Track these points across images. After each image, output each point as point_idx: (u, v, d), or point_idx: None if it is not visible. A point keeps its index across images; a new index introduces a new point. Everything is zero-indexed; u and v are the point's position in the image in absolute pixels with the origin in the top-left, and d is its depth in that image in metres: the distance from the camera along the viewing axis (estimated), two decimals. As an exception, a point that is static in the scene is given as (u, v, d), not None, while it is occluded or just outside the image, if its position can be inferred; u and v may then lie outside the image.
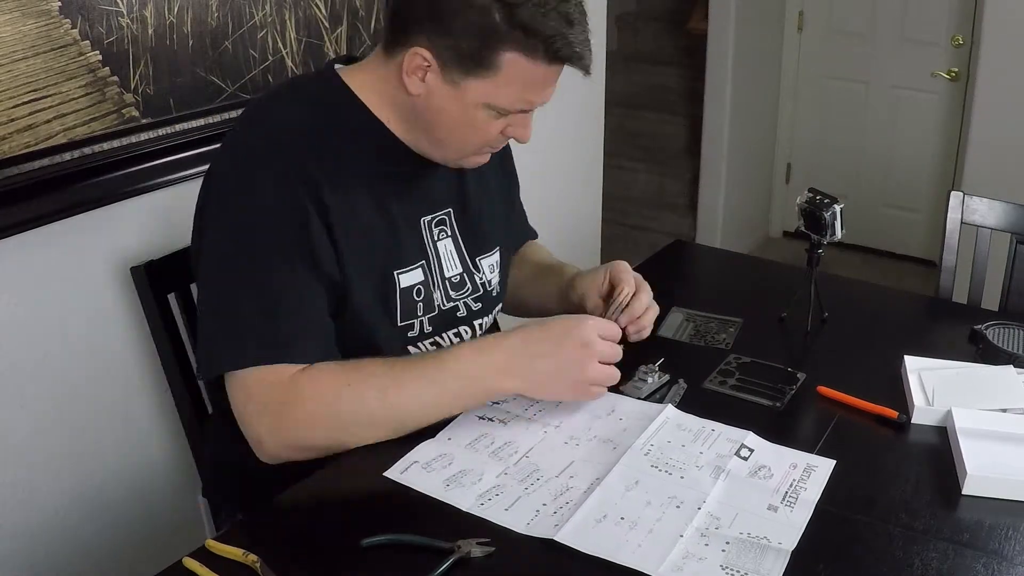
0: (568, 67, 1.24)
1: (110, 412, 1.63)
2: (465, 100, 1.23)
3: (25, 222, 1.42)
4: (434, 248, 1.38)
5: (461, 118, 1.25)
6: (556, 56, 1.20)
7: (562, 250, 2.84)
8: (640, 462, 1.23)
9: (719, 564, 1.06)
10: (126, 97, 1.52)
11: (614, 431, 1.30)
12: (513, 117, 1.27)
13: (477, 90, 1.22)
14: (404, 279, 1.33)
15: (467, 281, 1.42)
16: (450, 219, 1.41)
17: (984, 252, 1.99)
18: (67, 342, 1.55)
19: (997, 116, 3.40)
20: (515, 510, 1.14)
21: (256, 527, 1.16)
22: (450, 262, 1.40)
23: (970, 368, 1.47)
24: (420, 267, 1.35)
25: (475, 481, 1.18)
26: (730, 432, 1.30)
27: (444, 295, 1.39)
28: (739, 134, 4.20)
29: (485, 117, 1.25)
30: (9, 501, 1.51)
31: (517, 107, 1.25)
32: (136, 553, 1.69)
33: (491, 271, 1.46)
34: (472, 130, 1.27)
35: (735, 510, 1.15)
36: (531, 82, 1.22)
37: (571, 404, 1.35)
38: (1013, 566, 1.08)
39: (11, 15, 1.36)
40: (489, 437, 1.27)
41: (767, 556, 1.07)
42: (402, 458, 1.21)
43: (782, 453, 1.27)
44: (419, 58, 1.21)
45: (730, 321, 1.65)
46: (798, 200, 1.61)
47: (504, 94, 1.22)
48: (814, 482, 1.21)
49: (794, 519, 1.14)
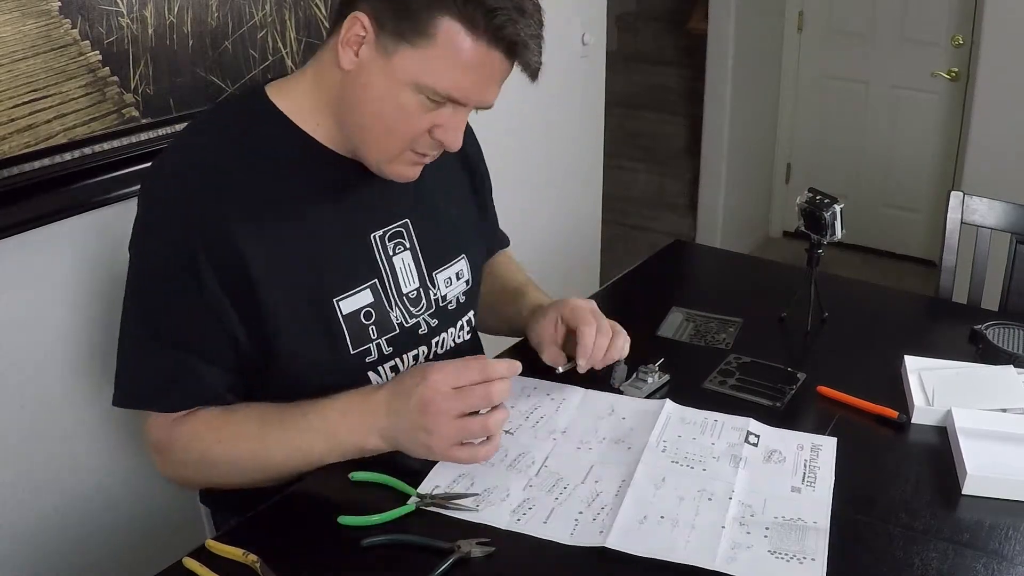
0: (510, 64, 1.17)
1: (110, 412, 1.62)
2: (395, 75, 1.15)
3: (25, 222, 1.42)
4: (388, 264, 1.31)
5: (388, 98, 1.16)
6: (497, 35, 1.12)
7: (562, 250, 2.85)
8: (660, 459, 1.24)
9: (767, 550, 1.08)
10: (126, 97, 1.52)
11: (622, 431, 1.30)
12: (443, 114, 1.18)
13: (408, 62, 1.14)
14: (346, 305, 1.26)
15: (423, 297, 1.35)
16: (408, 230, 1.34)
17: (984, 252, 1.99)
18: (67, 342, 1.55)
19: (997, 116, 3.40)
20: (553, 522, 1.13)
21: (256, 527, 1.16)
22: (407, 277, 1.33)
23: (970, 368, 1.47)
24: (369, 288, 1.28)
25: (503, 497, 1.16)
26: (733, 420, 1.32)
27: (405, 313, 1.33)
28: (739, 134, 4.20)
29: (414, 103, 1.16)
30: (9, 501, 1.51)
31: (448, 92, 1.15)
32: (136, 553, 1.69)
33: (447, 285, 1.38)
34: (398, 116, 1.17)
35: (763, 496, 1.18)
36: (467, 62, 1.14)
37: (566, 409, 1.35)
38: (1013, 566, 1.08)
39: (11, 15, 1.36)
40: (501, 450, 1.25)
41: (808, 536, 1.10)
42: (421, 485, 1.18)
43: (785, 436, 1.31)
44: (358, 24, 1.15)
45: (730, 321, 1.65)
46: (798, 200, 1.61)
47: (436, 71, 1.14)
48: (824, 460, 1.25)
49: (818, 497, 1.18)
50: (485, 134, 1.57)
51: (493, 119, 2.55)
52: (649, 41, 5.01)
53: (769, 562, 1.06)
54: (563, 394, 1.39)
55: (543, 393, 1.39)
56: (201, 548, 1.09)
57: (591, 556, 1.08)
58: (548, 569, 1.08)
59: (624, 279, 1.98)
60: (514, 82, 1.24)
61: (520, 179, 2.57)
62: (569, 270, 2.89)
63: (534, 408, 1.36)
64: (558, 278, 2.79)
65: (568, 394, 1.39)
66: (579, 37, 2.65)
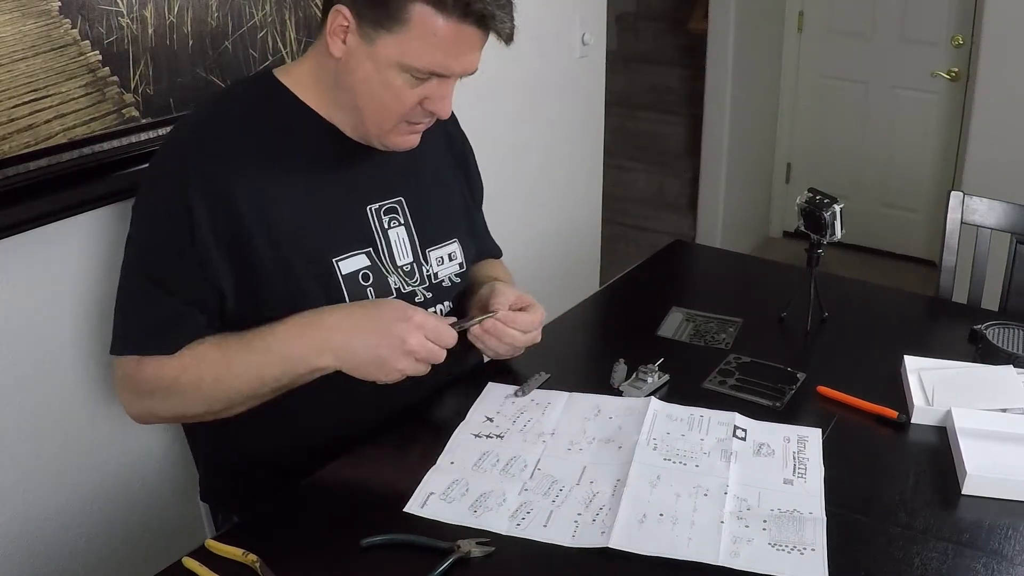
0: (484, 33, 1.23)
1: (111, 412, 1.62)
2: (379, 59, 1.23)
3: (25, 222, 1.42)
4: (383, 235, 1.37)
5: (377, 80, 1.24)
6: (466, 11, 1.18)
7: (562, 250, 2.85)
8: (652, 457, 1.24)
9: (767, 543, 1.09)
10: (126, 97, 1.52)
11: (610, 430, 1.31)
12: (430, 87, 1.25)
13: (389, 47, 1.21)
14: (345, 266, 1.32)
15: (416, 271, 1.41)
16: (402, 208, 1.40)
17: (984, 252, 2.00)
18: (67, 342, 1.55)
19: (997, 116, 3.40)
20: (553, 525, 1.13)
21: (256, 527, 1.16)
22: (401, 250, 1.39)
23: (970, 368, 1.47)
24: (365, 254, 1.34)
25: (500, 503, 1.17)
26: (719, 416, 1.34)
27: (402, 280, 1.38)
28: (739, 134, 4.20)
29: (401, 81, 1.23)
30: (9, 501, 1.51)
31: (430, 68, 1.22)
32: (136, 553, 1.69)
33: (439, 264, 1.44)
34: (389, 95, 1.25)
35: (757, 489, 1.19)
36: (443, 40, 1.20)
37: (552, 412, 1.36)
38: (1013, 566, 1.08)
39: (11, 15, 1.35)
40: (492, 455, 1.27)
41: (805, 527, 1.12)
42: (416, 491, 1.19)
43: (771, 429, 1.32)
44: (340, 16, 1.23)
45: (730, 321, 1.65)
46: (798, 200, 1.61)
47: (416, 52, 1.21)
48: (812, 451, 1.27)
49: (811, 488, 1.19)
50: (486, 134, 1.57)
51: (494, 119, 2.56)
52: (649, 41, 5.01)
53: (771, 555, 1.07)
54: (547, 398, 1.40)
55: (527, 399, 1.40)
56: (201, 548, 1.09)
57: (593, 555, 1.08)
58: (551, 570, 1.08)
59: (624, 279, 1.98)
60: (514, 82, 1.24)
61: (520, 179, 2.57)
62: (569, 270, 2.89)
63: (520, 412, 1.37)
64: (558, 278, 2.79)
65: (552, 398, 1.40)
66: (579, 37, 2.65)
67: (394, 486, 1.20)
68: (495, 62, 1.40)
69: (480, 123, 2.31)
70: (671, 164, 4.67)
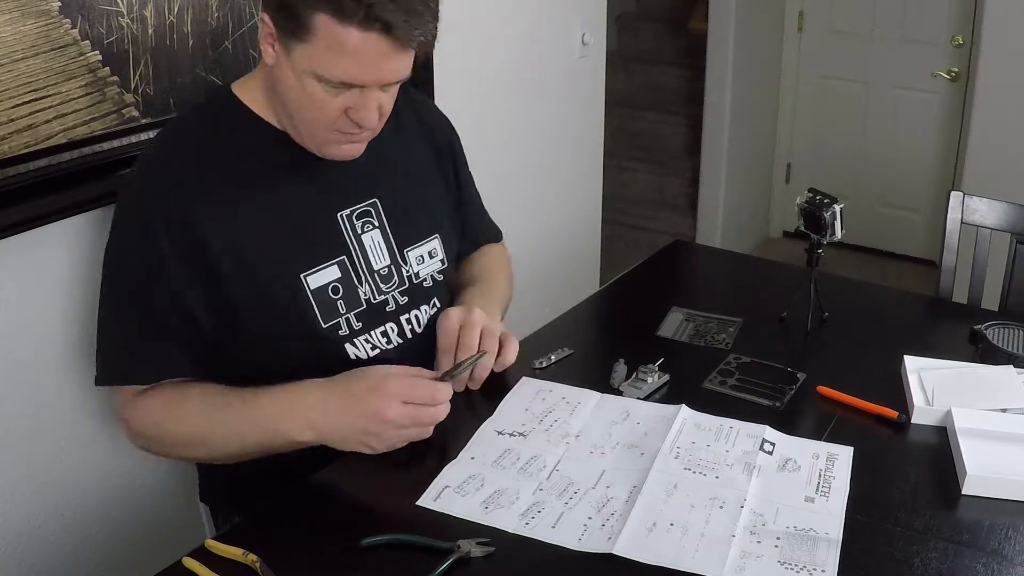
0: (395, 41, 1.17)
1: (111, 411, 1.62)
2: (297, 69, 1.21)
3: (25, 222, 1.42)
4: (357, 242, 1.37)
5: (299, 89, 1.22)
6: (368, 19, 1.14)
7: (562, 250, 2.85)
8: (672, 466, 1.23)
9: (776, 560, 1.07)
10: (126, 97, 1.52)
11: (636, 436, 1.30)
12: (352, 97, 1.22)
13: (303, 57, 1.19)
14: (313, 280, 1.32)
15: (394, 274, 1.40)
16: (376, 210, 1.39)
17: (984, 252, 1.99)
18: (67, 342, 1.55)
19: (997, 116, 3.40)
20: (562, 527, 1.13)
21: (256, 527, 1.16)
22: (377, 254, 1.39)
23: (970, 368, 1.47)
24: (336, 264, 1.34)
25: (513, 501, 1.17)
26: (748, 428, 1.31)
27: (374, 289, 1.37)
28: (739, 134, 4.20)
29: (319, 91, 1.21)
30: (9, 501, 1.51)
31: (340, 79, 1.19)
32: (136, 553, 1.69)
33: (419, 263, 1.43)
34: (311, 105, 1.23)
35: (775, 505, 1.16)
36: (348, 50, 1.16)
37: (581, 413, 1.35)
38: (1013, 566, 1.08)
39: (11, 15, 1.35)
40: (514, 453, 1.26)
41: (819, 547, 1.09)
42: (432, 484, 1.19)
43: (801, 444, 1.29)
44: (265, 24, 1.22)
45: (730, 321, 1.65)
46: (798, 200, 1.61)
47: (326, 62, 1.18)
48: (840, 470, 1.24)
49: (832, 508, 1.16)
50: (485, 134, 1.57)
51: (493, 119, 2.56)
52: (649, 41, 5.01)
53: (779, 573, 1.05)
54: (578, 398, 1.39)
55: (558, 396, 1.39)
56: (201, 548, 1.09)
57: (597, 561, 1.08)
58: (551, 573, 1.08)
59: (624, 279, 1.98)
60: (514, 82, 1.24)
61: (520, 179, 2.57)
62: (569, 270, 2.89)
63: (548, 411, 1.35)
64: (558, 278, 2.79)
65: (584, 398, 1.39)
66: (579, 37, 2.65)
67: (396, 486, 1.21)
68: (495, 62, 1.40)
69: (480, 123, 2.31)
70: (671, 164, 4.67)
